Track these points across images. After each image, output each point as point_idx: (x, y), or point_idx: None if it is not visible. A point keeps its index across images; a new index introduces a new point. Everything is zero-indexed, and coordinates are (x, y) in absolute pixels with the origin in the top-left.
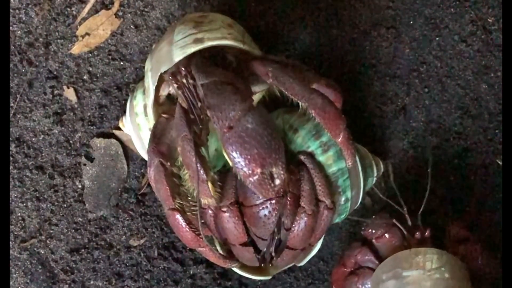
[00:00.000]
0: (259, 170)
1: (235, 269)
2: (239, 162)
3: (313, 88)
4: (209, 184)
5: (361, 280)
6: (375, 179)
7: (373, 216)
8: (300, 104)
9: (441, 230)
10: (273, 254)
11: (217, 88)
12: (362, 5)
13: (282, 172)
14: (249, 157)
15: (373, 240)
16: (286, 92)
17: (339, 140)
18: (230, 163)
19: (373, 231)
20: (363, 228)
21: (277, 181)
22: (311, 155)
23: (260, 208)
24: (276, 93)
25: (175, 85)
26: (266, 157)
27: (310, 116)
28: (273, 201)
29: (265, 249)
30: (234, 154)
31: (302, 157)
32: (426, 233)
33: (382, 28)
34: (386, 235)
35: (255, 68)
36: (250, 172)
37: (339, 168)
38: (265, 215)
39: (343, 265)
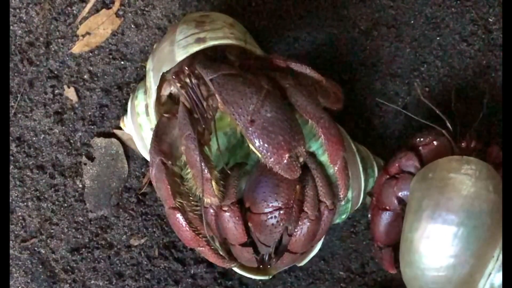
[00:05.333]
0: (287, 155)
1: (235, 269)
2: (267, 152)
3: (323, 110)
4: (213, 183)
5: (399, 184)
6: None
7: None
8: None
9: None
10: (272, 256)
11: (229, 82)
12: (363, 5)
13: (304, 149)
14: (276, 145)
15: (420, 148)
16: (297, 109)
17: (336, 167)
18: (258, 154)
19: (422, 139)
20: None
21: (301, 159)
22: (313, 155)
23: (269, 216)
24: None
25: (178, 85)
26: (290, 141)
27: None
28: (282, 211)
29: (265, 251)
30: (261, 146)
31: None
32: (473, 144)
33: (382, 28)
34: (435, 142)
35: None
36: (279, 159)
37: None
38: (272, 224)
39: (385, 171)
